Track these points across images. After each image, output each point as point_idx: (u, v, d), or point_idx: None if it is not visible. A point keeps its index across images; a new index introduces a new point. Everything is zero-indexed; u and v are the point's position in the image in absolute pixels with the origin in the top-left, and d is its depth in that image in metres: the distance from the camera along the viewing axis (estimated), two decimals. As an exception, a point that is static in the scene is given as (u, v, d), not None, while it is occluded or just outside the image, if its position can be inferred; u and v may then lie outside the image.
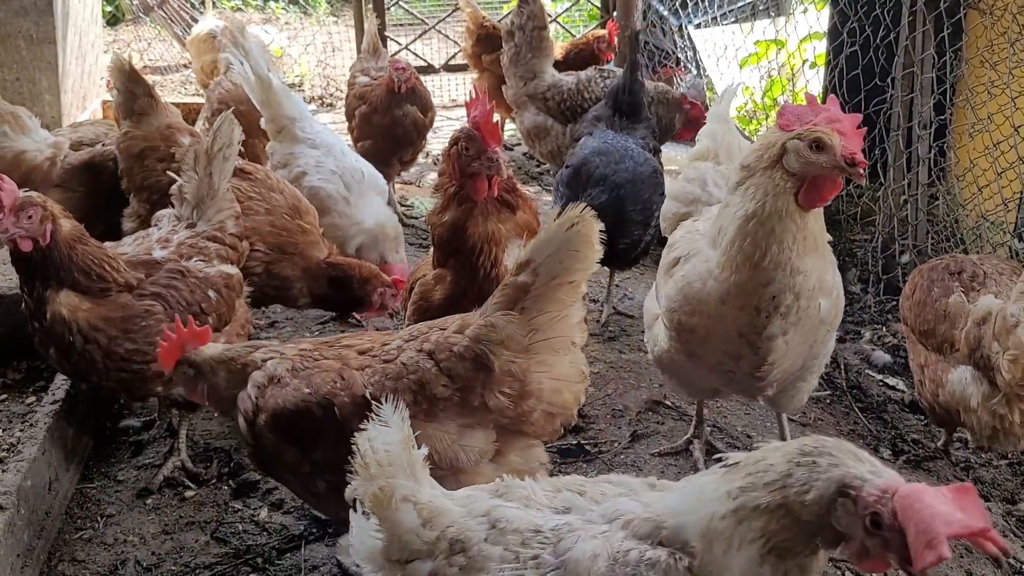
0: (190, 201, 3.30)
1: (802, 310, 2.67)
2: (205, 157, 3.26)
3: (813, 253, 2.65)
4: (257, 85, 4.54)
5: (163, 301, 3.00)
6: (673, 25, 8.40)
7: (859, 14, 5.14)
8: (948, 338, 3.26)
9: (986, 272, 3.35)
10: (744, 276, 2.63)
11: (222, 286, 3.18)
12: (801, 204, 2.57)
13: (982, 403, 3.10)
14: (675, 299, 2.86)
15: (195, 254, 3.18)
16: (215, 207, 3.31)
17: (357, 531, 1.90)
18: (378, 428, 1.87)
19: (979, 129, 4.46)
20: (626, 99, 4.57)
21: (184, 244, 3.20)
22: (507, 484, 1.87)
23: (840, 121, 2.54)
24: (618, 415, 3.69)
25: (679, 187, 3.37)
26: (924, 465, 3.58)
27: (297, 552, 2.94)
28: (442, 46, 9.59)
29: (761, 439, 3.58)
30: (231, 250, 3.31)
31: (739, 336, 2.72)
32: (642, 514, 1.68)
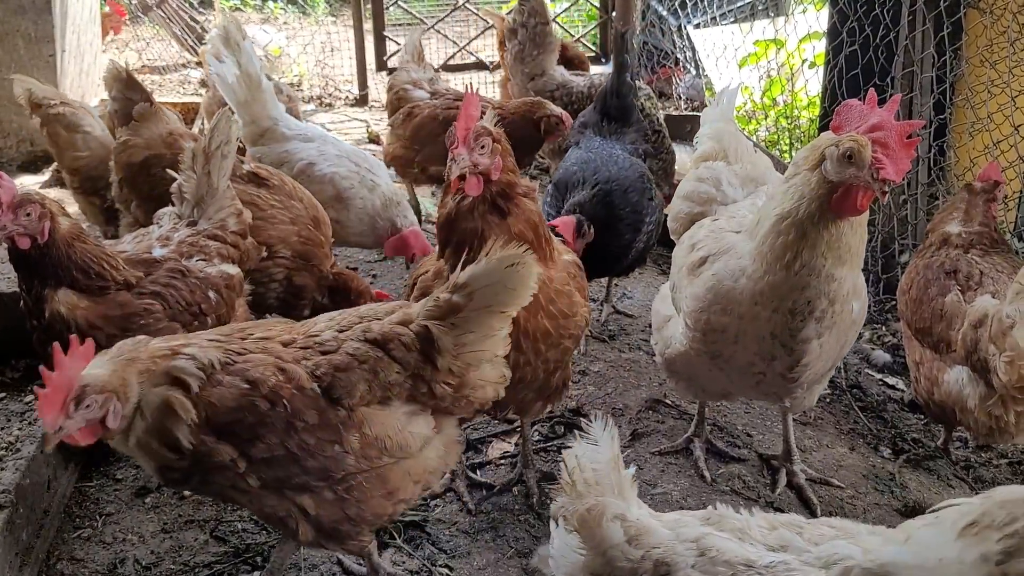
0: (190, 200, 3.26)
1: (836, 314, 2.67)
2: (203, 155, 3.21)
3: (847, 264, 2.61)
4: (244, 83, 4.34)
5: (162, 300, 2.98)
6: (672, 25, 8.40)
7: (858, 13, 5.13)
8: (944, 338, 3.25)
9: (983, 271, 3.34)
10: (778, 277, 2.62)
11: (222, 287, 3.14)
12: (831, 211, 2.54)
13: (979, 404, 3.10)
14: (704, 298, 2.83)
15: (196, 253, 3.15)
16: (216, 205, 3.28)
17: (559, 545, 1.92)
18: (585, 446, 1.89)
19: (979, 128, 4.46)
20: (614, 103, 4.39)
21: (185, 242, 3.16)
22: (720, 514, 1.87)
23: (885, 129, 2.47)
24: (618, 414, 3.69)
25: (691, 186, 3.36)
26: (924, 464, 3.58)
27: (298, 550, 2.92)
28: (441, 46, 9.57)
29: (762, 437, 3.59)
30: (232, 248, 3.27)
31: (772, 337, 2.71)
32: (863, 562, 1.60)
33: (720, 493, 3.20)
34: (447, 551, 2.94)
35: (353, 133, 8.17)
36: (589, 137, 4.24)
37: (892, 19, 4.88)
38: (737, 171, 3.34)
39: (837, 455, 3.50)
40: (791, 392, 2.94)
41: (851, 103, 2.58)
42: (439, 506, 3.14)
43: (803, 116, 6.57)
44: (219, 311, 3.11)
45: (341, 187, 4.34)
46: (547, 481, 3.20)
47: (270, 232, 3.73)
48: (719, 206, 3.25)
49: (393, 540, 2.97)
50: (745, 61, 7.03)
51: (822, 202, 2.55)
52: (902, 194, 4.94)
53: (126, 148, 4.07)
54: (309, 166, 4.36)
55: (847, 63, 5.26)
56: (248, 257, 3.39)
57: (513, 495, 3.19)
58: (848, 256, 2.62)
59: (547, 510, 2.28)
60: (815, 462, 3.43)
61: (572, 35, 9.66)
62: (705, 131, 3.55)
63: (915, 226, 4.84)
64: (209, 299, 3.08)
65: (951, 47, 4.48)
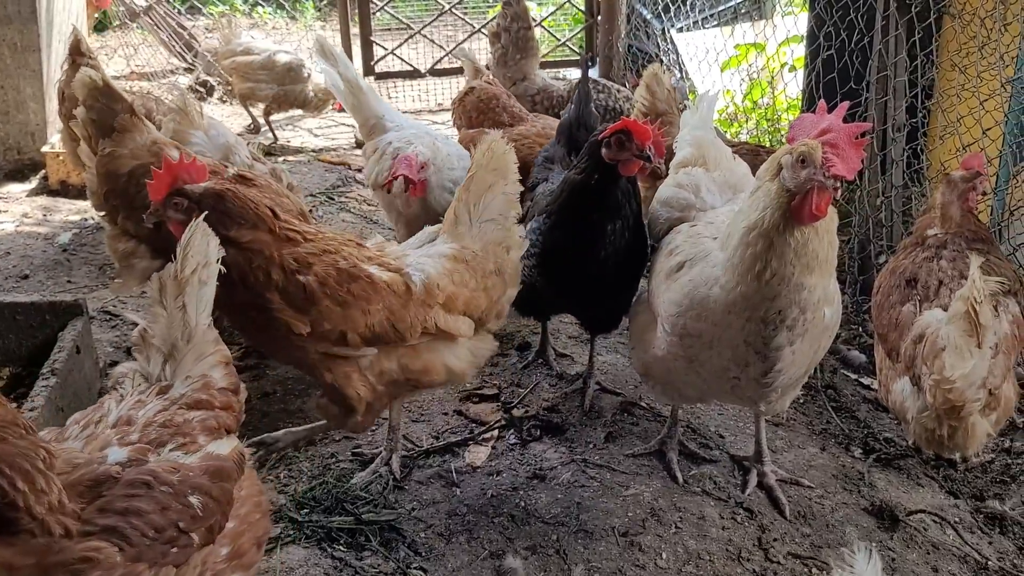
0: (159, 348, 2.37)
1: (809, 322, 2.73)
2: (175, 284, 2.36)
3: (817, 271, 2.68)
4: (347, 90, 4.68)
5: (119, 538, 1.90)
6: (656, 29, 8.46)
7: (834, 18, 5.21)
8: (895, 347, 3.33)
9: (942, 280, 3.40)
10: (749, 288, 2.69)
11: (210, 485, 2.12)
12: (794, 219, 2.62)
13: (916, 416, 3.17)
14: (681, 303, 2.89)
15: (170, 438, 2.18)
16: (194, 353, 2.38)
17: None
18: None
19: (950, 132, 4.53)
20: (581, 135, 3.98)
21: (154, 424, 2.19)
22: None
23: (834, 131, 2.57)
24: (594, 416, 3.74)
25: (671, 192, 3.41)
26: (895, 463, 3.64)
27: (273, 554, 2.98)
28: (428, 50, 9.64)
29: (734, 439, 3.65)
30: (223, 412, 2.34)
31: (746, 345, 2.78)
32: None
33: (691, 494, 3.25)
34: (422, 553, 2.99)
35: (340, 139, 8.23)
36: (558, 172, 3.87)
37: (866, 24, 4.96)
38: (716, 178, 3.40)
39: (808, 455, 3.57)
40: (765, 397, 3.00)
41: (804, 116, 2.70)
42: (415, 508, 3.20)
43: (783, 119, 6.64)
44: (208, 521, 2.08)
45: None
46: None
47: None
48: (698, 212, 3.30)
49: (368, 543, 3.02)
50: (727, 65, 7.10)
51: (784, 210, 2.63)
52: (878, 196, 5.01)
53: (112, 159, 4.08)
54: (396, 149, 4.57)
55: (824, 67, 5.34)
56: (241, 417, 2.48)
57: (487, 498, 3.25)
58: (816, 264, 2.67)
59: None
60: (786, 462, 3.49)
61: (558, 39, 9.74)
62: (684, 137, 3.60)
63: (890, 228, 4.91)
64: (191, 509, 2.05)
65: (922, 52, 4.55)
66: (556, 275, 3.47)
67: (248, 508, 2.25)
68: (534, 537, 3.04)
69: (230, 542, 2.14)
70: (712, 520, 3.11)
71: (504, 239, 3.27)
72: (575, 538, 3.03)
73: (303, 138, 7.89)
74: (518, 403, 3.81)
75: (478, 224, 3.23)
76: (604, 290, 3.47)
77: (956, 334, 3.08)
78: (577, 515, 3.13)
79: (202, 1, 10.62)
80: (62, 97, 5.07)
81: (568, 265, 3.41)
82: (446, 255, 3.15)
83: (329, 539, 3.04)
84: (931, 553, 3.08)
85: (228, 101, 9.16)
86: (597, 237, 3.32)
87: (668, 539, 3.02)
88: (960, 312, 3.08)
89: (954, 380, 3.03)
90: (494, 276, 3.21)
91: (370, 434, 3.60)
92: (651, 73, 5.17)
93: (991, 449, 3.79)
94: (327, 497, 3.22)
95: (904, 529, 3.16)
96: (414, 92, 9.44)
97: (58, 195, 6.29)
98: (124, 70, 9.63)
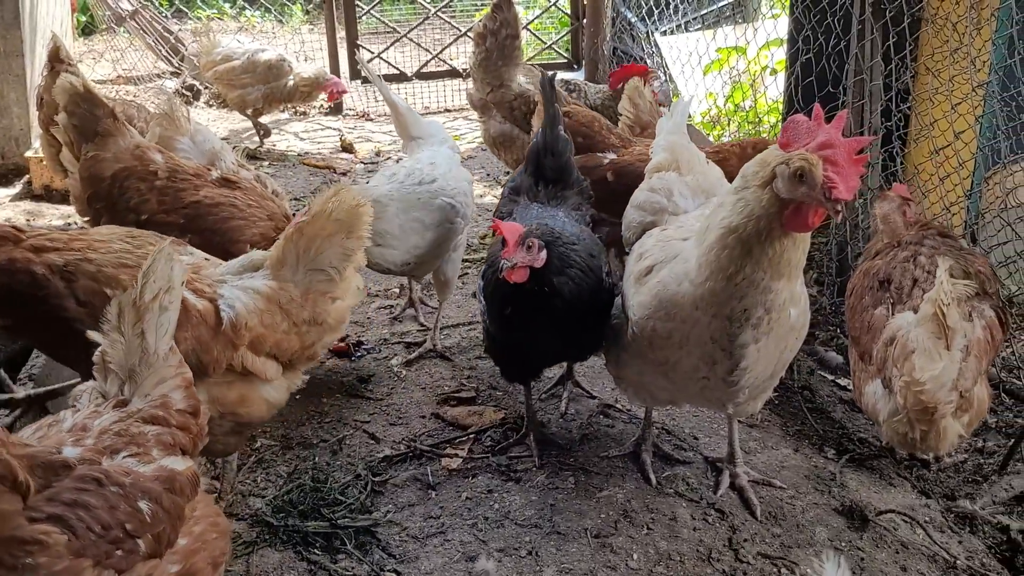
0: (117, 372, 2.35)
1: (773, 322, 2.75)
2: (133, 310, 2.33)
3: (785, 277, 2.68)
4: (391, 111, 4.75)
5: (65, 527, 1.92)
6: (641, 32, 8.50)
7: (812, 23, 5.26)
8: (868, 350, 3.37)
9: (916, 279, 3.44)
10: (718, 285, 2.71)
11: (162, 492, 2.13)
12: (785, 228, 2.60)
13: (887, 419, 3.21)
14: (650, 305, 2.91)
15: (124, 446, 2.18)
16: (155, 376, 2.37)
17: None
18: None
19: (924, 135, 4.57)
20: (550, 162, 3.66)
21: (108, 432, 2.19)
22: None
23: (834, 147, 2.50)
24: (569, 419, 3.78)
25: (644, 196, 3.44)
26: (868, 463, 3.67)
27: (250, 558, 3.00)
28: (415, 54, 9.66)
29: (708, 440, 3.68)
30: (180, 432, 2.33)
31: (712, 342, 2.80)
32: None
33: (664, 495, 3.28)
34: (396, 556, 3.02)
35: (327, 142, 8.25)
36: (524, 205, 3.55)
37: (843, 28, 5.00)
38: (688, 182, 3.42)
39: (781, 456, 3.60)
40: (734, 397, 3.02)
41: (797, 119, 2.60)
42: (390, 512, 3.22)
43: (765, 122, 6.69)
44: (155, 528, 2.09)
45: None
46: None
47: (252, 231, 3.89)
48: (670, 216, 3.33)
49: (344, 546, 3.04)
50: (709, 68, 7.14)
51: (772, 219, 2.59)
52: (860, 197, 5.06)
53: (95, 162, 4.10)
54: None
55: (803, 71, 5.39)
56: (201, 441, 2.49)
57: (463, 500, 3.28)
58: (787, 270, 2.69)
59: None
60: (759, 463, 3.52)
61: (544, 42, 9.78)
62: (659, 142, 3.64)
63: (866, 230, 4.95)
64: (139, 514, 2.06)
65: (897, 56, 4.60)
66: (512, 352, 3.41)
67: (203, 527, 2.25)
68: (507, 539, 3.07)
69: (181, 560, 2.13)
70: (684, 521, 3.14)
71: (330, 290, 3.15)
72: (548, 539, 3.06)
73: (289, 142, 7.91)
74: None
75: (304, 271, 3.10)
76: (570, 343, 3.32)
77: (925, 337, 3.13)
78: (551, 517, 3.16)
79: (189, 5, 10.63)
80: (40, 103, 5.08)
81: (520, 344, 3.30)
82: (261, 293, 3.00)
83: (304, 543, 3.07)
84: (900, 552, 3.12)
85: (214, 105, 9.18)
86: (540, 328, 3.14)
87: (640, 540, 3.05)
88: (928, 315, 3.13)
89: (924, 382, 3.08)
90: (309, 324, 3.09)
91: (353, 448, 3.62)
92: (633, 86, 5.20)
93: (964, 449, 3.83)
94: (303, 501, 3.24)
95: (874, 529, 3.19)
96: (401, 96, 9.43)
97: (42, 200, 6.31)
98: (111, 74, 9.65)
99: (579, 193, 3.71)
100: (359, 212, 3.16)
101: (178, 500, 2.17)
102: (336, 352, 4.39)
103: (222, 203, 3.97)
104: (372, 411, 3.89)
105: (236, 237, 3.88)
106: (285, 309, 3.03)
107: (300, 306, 3.07)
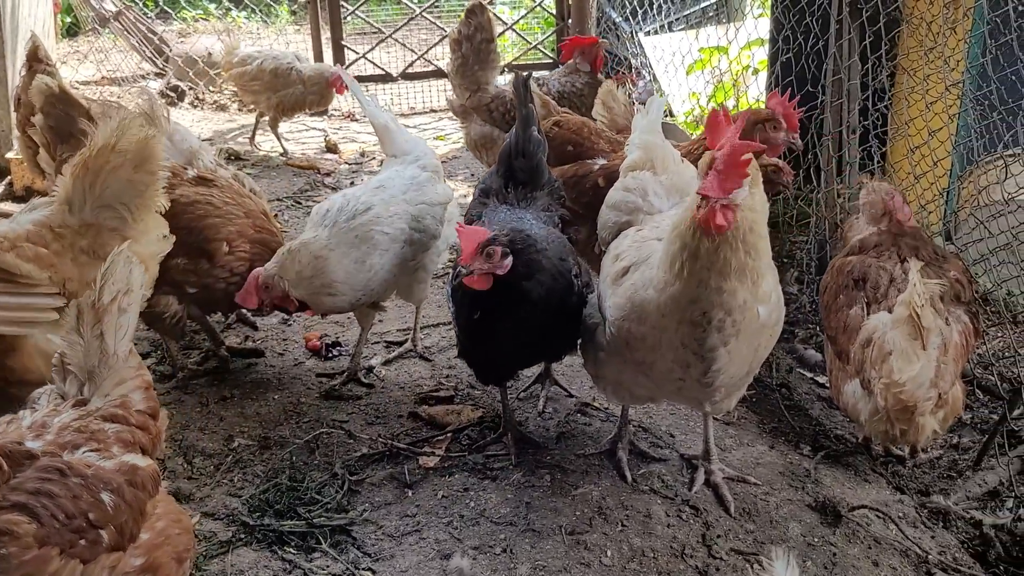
0: (76, 374, 2.39)
1: (738, 323, 2.73)
2: (92, 312, 2.35)
3: (735, 277, 2.67)
4: (372, 126, 4.49)
5: (30, 515, 1.95)
6: (625, 31, 8.53)
7: (791, 22, 5.28)
8: (846, 350, 3.39)
9: (893, 278, 3.46)
10: (676, 289, 2.72)
11: (123, 485, 2.17)
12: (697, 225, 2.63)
13: (868, 419, 3.24)
14: (624, 307, 2.92)
15: (85, 442, 2.21)
16: (115, 377, 2.39)
17: None
18: None
19: (900, 134, 4.61)
20: (521, 163, 3.59)
21: (68, 428, 2.22)
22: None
23: (722, 148, 2.59)
24: (547, 417, 3.79)
25: (619, 196, 3.46)
26: (843, 460, 3.69)
27: (225, 557, 3.01)
28: (400, 54, 9.66)
29: (684, 438, 3.70)
30: (140, 431, 2.35)
31: (683, 347, 2.81)
32: None
33: (640, 492, 3.30)
34: (371, 554, 3.03)
35: (311, 143, 8.25)
36: (493, 208, 3.50)
37: (822, 28, 5.03)
38: (663, 181, 3.44)
39: (756, 453, 3.62)
40: (710, 397, 3.03)
41: (716, 116, 2.72)
42: (366, 510, 3.23)
43: (747, 121, 6.70)
44: (118, 520, 2.12)
45: None
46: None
47: (229, 228, 3.93)
48: (645, 215, 3.35)
49: (319, 545, 3.05)
50: (692, 68, 7.17)
51: (693, 216, 2.66)
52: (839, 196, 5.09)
53: None
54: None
55: (783, 70, 5.41)
56: (160, 443, 2.52)
57: (439, 499, 3.29)
58: (730, 270, 2.66)
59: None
60: (734, 460, 3.54)
61: (529, 42, 9.79)
62: (633, 140, 3.65)
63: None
64: (102, 504, 2.08)
65: (873, 55, 4.63)
66: (484, 356, 3.38)
67: (166, 523, 2.27)
68: (483, 537, 3.08)
69: (144, 554, 2.15)
70: (658, 518, 3.16)
71: (120, 228, 3.14)
72: (523, 537, 3.07)
73: (273, 142, 7.90)
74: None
75: (92, 207, 3.12)
76: (541, 346, 3.34)
77: (901, 338, 3.17)
78: (526, 515, 3.17)
79: (173, 6, 10.61)
80: (18, 104, 5.08)
81: (491, 349, 3.27)
82: (33, 220, 3.09)
83: (280, 542, 3.07)
84: (873, 547, 3.14)
85: (199, 106, 9.17)
86: (509, 333, 3.14)
87: (614, 537, 3.06)
88: (903, 316, 3.16)
89: (903, 383, 3.13)
90: (89, 255, 3.07)
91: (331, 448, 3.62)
92: (606, 90, 5.21)
93: (940, 445, 3.86)
94: (280, 500, 3.25)
95: (847, 524, 3.21)
96: (386, 96, 9.47)
97: (23, 201, 6.25)
98: (95, 75, 9.62)
99: (549, 194, 3.66)
100: (147, 144, 3.11)
101: (139, 494, 2.21)
102: (311, 351, 4.40)
103: (198, 201, 3.98)
104: (351, 410, 3.90)
105: (212, 235, 3.89)
106: (57, 232, 3.06)
107: (76, 232, 3.07)
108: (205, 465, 3.49)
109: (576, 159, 4.68)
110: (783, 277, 4.57)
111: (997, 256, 4.03)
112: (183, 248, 3.75)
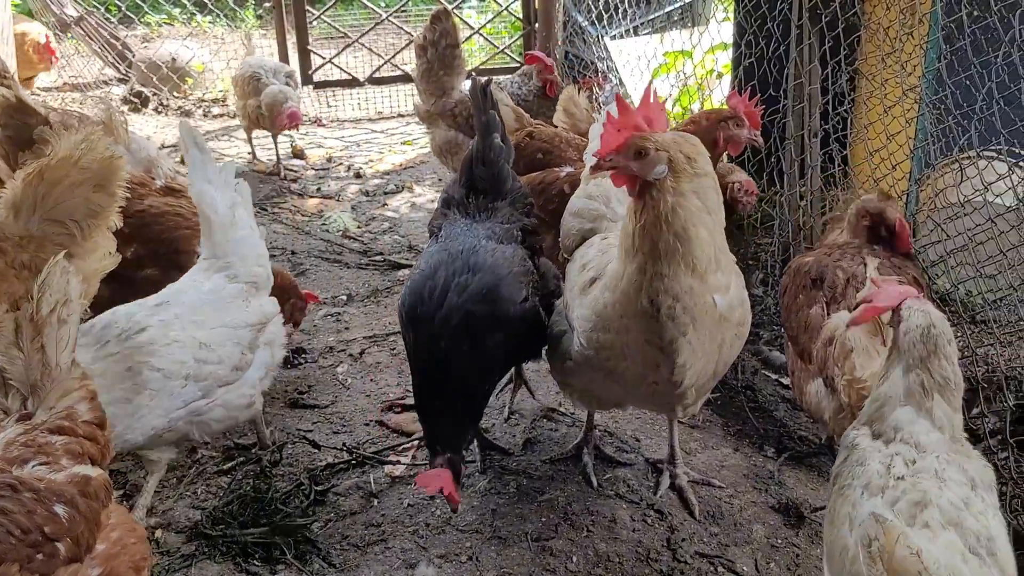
0: (18, 388, 2.32)
1: (689, 311, 2.68)
2: (31, 325, 2.29)
3: (671, 256, 2.62)
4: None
5: None
6: (591, 36, 8.56)
7: (753, 27, 5.34)
8: (808, 350, 3.42)
9: (851, 277, 3.50)
10: (624, 282, 2.72)
11: (76, 496, 2.15)
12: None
13: (832, 417, 3.27)
14: (590, 318, 2.90)
15: (33, 456, 2.18)
16: (59, 389, 2.34)
17: None
18: None
19: (860, 138, 4.67)
20: (481, 172, 3.44)
21: (15, 444, 2.19)
22: None
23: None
24: (513, 423, 3.79)
25: (582, 204, 3.45)
26: (807, 461, 3.74)
27: (188, 571, 2.97)
28: (367, 59, 9.63)
29: (650, 442, 3.72)
30: (88, 442, 2.32)
31: (648, 344, 2.79)
32: None
33: (605, 497, 3.31)
34: (336, 565, 3.01)
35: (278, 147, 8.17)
36: (452, 220, 3.35)
37: (783, 33, 5.09)
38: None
39: (721, 456, 3.65)
40: (683, 399, 3.00)
41: (619, 99, 2.85)
42: (331, 520, 3.21)
43: (712, 125, 6.76)
44: (74, 531, 2.10)
45: None
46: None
47: (200, 238, 3.81)
48: (609, 223, 3.35)
49: (283, 556, 3.03)
50: (657, 72, 7.21)
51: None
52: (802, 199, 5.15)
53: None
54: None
55: (746, 74, 5.47)
56: (109, 453, 2.46)
57: (404, 507, 3.27)
58: (659, 253, 2.62)
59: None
60: (699, 463, 3.57)
61: (496, 46, 9.81)
62: (594, 147, 3.65)
63: (810, 230, 5.04)
64: (56, 517, 2.06)
65: (833, 60, 4.69)
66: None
67: (121, 532, 2.24)
68: (448, 545, 3.08)
69: (101, 564, 2.13)
70: (623, 523, 3.17)
71: (68, 245, 2.95)
72: (489, 544, 3.07)
73: (238, 148, 7.83)
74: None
75: (40, 220, 2.93)
76: (505, 363, 3.29)
77: (862, 335, 3.20)
78: (492, 522, 3.17)
79: (137, 12, 10.49)
80: None
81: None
82: None
83: (244, 554, 3.05)
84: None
85: (163, 112, 9.07)
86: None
87: (579, 543, 3.07)
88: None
89: (865, 379, 3.14)
90: (30, 271, 2.88)
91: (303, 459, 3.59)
92: (567, 96, 5.22)
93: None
94: (243, 512, 3.22)
95: (809, 526, 3.25)
96: (354, 101, 9.43)
97: (-17, 211, 6.17)
98: (56, 81, 9.49)
99: (511, 204, 3.47)
100: (111, 164, 2.95)
101: (93, 504, 2.19)
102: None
103: (167, 212, 3.93)
104: (316, 419, 3.87)
105: (183, 248, 3.84)
106: None
107: (18, 246, 2.91)
108: (167, 477, 3.44)
109: (546, 166, 4.70)
110: (749, 280, 4.61)
111: (955, 257, 4.10)
112: (153, 259, 3.70)
